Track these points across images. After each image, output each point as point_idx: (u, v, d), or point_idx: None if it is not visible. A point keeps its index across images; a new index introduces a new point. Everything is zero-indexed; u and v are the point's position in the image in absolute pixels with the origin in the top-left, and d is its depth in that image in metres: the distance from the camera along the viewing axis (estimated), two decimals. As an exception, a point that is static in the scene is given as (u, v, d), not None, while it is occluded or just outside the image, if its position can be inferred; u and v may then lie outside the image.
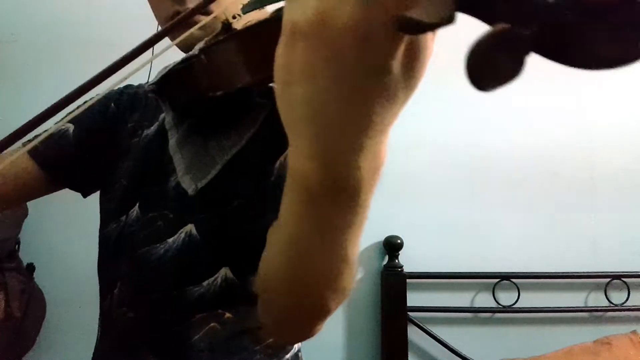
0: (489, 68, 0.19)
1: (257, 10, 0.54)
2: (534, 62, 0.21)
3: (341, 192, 0.29)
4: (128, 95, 0.75)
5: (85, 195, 0.77)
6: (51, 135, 0.71)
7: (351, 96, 0.25)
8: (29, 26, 1.58)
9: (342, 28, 0.23)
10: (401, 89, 0.25)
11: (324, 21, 0.23)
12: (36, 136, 0.59)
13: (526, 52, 0.19)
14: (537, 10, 0.19)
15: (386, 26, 0.22)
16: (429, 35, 0.25)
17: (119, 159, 0.70)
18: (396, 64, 0.24)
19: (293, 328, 0.45)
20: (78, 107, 0.44)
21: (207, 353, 0.59)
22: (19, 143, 0.38)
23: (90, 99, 0.50)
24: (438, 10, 0.20)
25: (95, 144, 0.72)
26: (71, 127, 0.72)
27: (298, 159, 0.29)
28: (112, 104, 0.74)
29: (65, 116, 0.60)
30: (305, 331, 0.44)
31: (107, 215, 0.70)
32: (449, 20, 0.20)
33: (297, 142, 0.28)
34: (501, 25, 0.19)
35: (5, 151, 0.36)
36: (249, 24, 0.49)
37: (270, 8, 0.49)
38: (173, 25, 0.48)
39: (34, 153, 0.70)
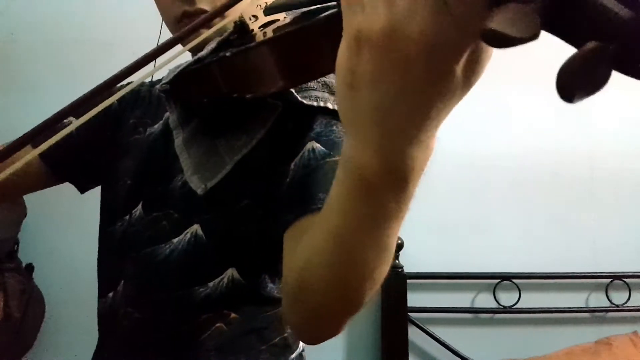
0: (581, 84, 0.20)
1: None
2: (535, 63, 0.21)
3: (395, 181, 0.30)
4: (131, 93, 0.75)
5: (82, 191, 0.77)
6: (54, 131, 0.71)
7: (416, 100, 0.26)
8: (29, 26, 1.57)
9: (412, 38, 0.23)
10: (460, 89, 0.26)
11: (394, 31, 0.24)
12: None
13: (615, 65, 0.20)
14: (619, 28, 0.20)
15: (456, 36, 0.23)
16: None
17: (119, 156, 0.70)
18: (459, 68, 0.25)
19: (326, 324, 0.45)
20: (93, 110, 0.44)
21: (214, 353, 0.59)
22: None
23: (106, 101, 0.50)
24: (526, 25, 0.21)
25: (97, 140, 0.72)
26: (74, 121, 0.73)
27: (357, 153, 0.29)
28: (115, 101, 0.74)
29: (79, 120, 0.61)
30: (337, 327, 0.44)
31: (110, 213, 0.69)
32: (535, 36, 0.21)
33: (359, 139, 0.29)
34: (593, 44, 0.20)
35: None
36: (281, 31, 0.48)
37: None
38: (189, 30, 0.48)
39: (35, 146, 0.70)
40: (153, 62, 0.41)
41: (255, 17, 0.54)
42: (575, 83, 0.20)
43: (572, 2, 0.21)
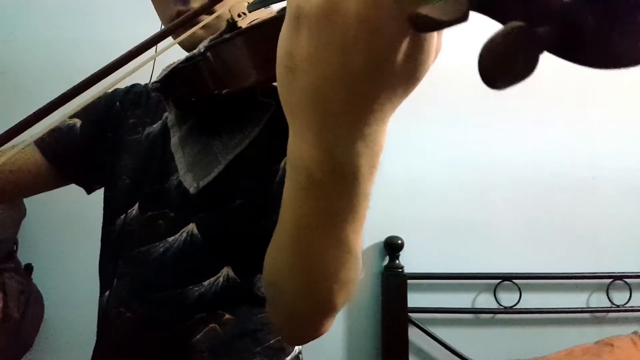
0: (503, 66, 0.19)
1: (263, 9, 0.54)
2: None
3: (341, 178, 0.29)
4: (134, 94, 0.76)
5: (89, 192, 0.78)
6: (59, 130, 0.72)
7: (354, 85, 0.25)
8: (28, 26, 1.57)
9: (351, 17, 0.23)
10: (403, 80, 0.25)
11: (332, 9, 0.23)
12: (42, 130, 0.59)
13: (540, 51, 0.19)
14: (551, 9, 0.19)
15: (396, 19, 0.22)
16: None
17: (119, 155, 0.70)
18: (400, 56, 0.24)
19: (301, 325, 0.45)
20: (85, 101, 0.44)
21: (207, 354, 0.59)
22: (22, 137, 0.37)
23: (97, 93, 0.50)
24: (453, 8, 0.20)
25: (100, 140, 0.73)
26: (78, 122, 0.73)
27: (299, 145, 0.29)
28: (118, 102, 0.75)
29: (71, 111, 0.60)
30: (314, 328, 0.44)
31: (110, 213, 0.70)
32: (463, 18, 0.20)
33: (298, 128, 0.28)
34: (515, 23, 0.19)
35: (8, 144, 0.36)
36: (255, 22, 0.48)
37: (276, 7, 0.49)
38: (178, 24, 0.48)
39: (42, 147, 0.71)
40: (148, 57, 0.41)
41: (245, 14, 0.54)
42: (497, 67, 0.19)
43: None
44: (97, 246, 0.71)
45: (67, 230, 1.48)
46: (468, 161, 1.64)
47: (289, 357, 0.64)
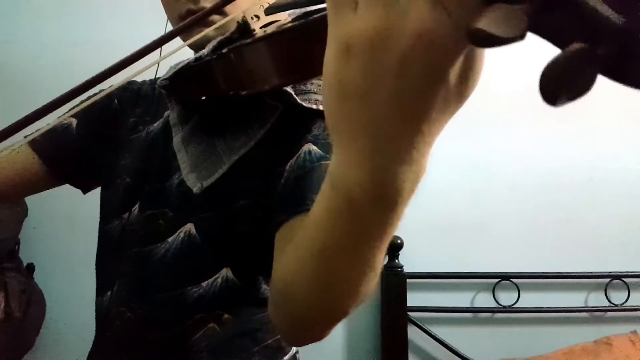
0: (565, 85, 0.20)
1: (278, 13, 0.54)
2: (536, 64, 0.21)
3: (382, 203, 0.28)
4: (131, 92, 0.75)
5: (85, 192, 0.77)
6: (54, 130, 0.70)
7: (408, 107, 0.24)
8: (28, 26, 1.57)
9: (407, 36, 0.22)
10: (453, 99, 0.25)
11: (388, 29, 0.22)
12: (38, 130, 0.59)
13: (599, 70, 0.20)
14: (605, 32, 0.19)
15: (452, 35, 0.22)
16: None
17: (119, 154, 0.70)
18: (453, 75, 0.24)
19: (309, 331, 0.45)
20: (81, 102, 0.44)
21: (206, 354, 0.59)
22: (20, 135, 0.38)
23: (94, 94, 0.51)
24: (511, 25, 0.20)
25: (97, 139, 0.72)
26: (74, 121, 0.72)
27: (345, 169, 0.28)
28: (115, 100, 0.74)
29: (68, 111, 0.60)
30: (320, 334, 0.44)
31: (109, 211, 0.69)
32: (521, 36, 0.20)
33: (347, 153, 0.27)
34: (579, 45, 0.19)
35: (4, 142, 0.37)
36: (277, 27, 0.48)
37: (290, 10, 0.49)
38: (186, 25, 0.48)
39: (37, 147, 0.70)
40: (151, 56, 0.41)
41: (257, 17, 0.55)
42: (559, 85, 0.20)
43: (563, 4, 0.21)
44: (98, 247, 0.71)
45: (69, 229, 1.49)
46: (467, 161, 1.65)
47: (287, 357, 0.64)
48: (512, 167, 1.66)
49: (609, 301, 1.61)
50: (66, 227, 1.49)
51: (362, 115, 0.25)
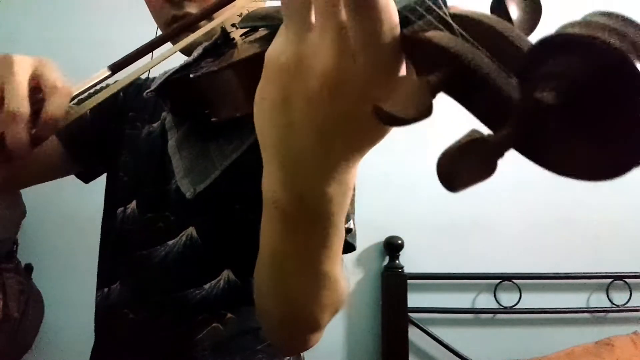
0: (459, 174, 0.20)
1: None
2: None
3: (311, 216, 0.30)
4: (135, 86, 0.76)
5: (87, 181, 0.78)
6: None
7: (321, 135, 0.26)
8: (28, 26, 1.57)
9: (315, 72, 0.24)
10: (373, 129, 0.26)
11: (300, 61, 0.24)
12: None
13: (498, 157, 0.19)
14: (515, 112, 0.18)
15: (359, 80, 0.23)
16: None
17: (118, 150, 0.71)
18: (362, 113, 0.24)
19: (287, 338, 0.47)
20: (89, 94, 0.45)
21: (210, 352, 0.59)
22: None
23: (107, 85, 0.50)
24: (416, 104, 0.20)
25: (106, 128, 0.73)
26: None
27: (272, 182, 0.30)
28: (121, 93, 0.75)
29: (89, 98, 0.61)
30: (301, 344, 0.45)
31: (109, 206, 0.70)
32: (426, 114, 0.21)
33: (271, 166, 0.29)
34: (471, 134, 0.19)
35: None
36: (255, 39, 0.48)
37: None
38: (175, 32, 0.48)
39: (58, 133, 0.70)
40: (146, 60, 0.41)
41: (237, 26, 0.54)
42: (454, 174, 0.19)
43: (467, 79, 0.20)
44: (97, 246, 0.71)
45: (67, 230, 1.48)
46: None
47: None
48: (513, 167, 1.65)
49: (611, 302, 1.61)
50: (64, 227, 1.49)
51: (275, 132, 0.27)
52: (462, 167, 0.19)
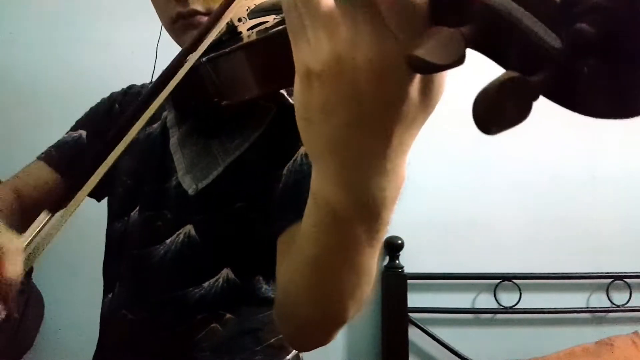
0: (496, 114, 0.20)
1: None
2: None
3: (366, 214, 0.30)
4: (131, 95, 0.76)
5: (99, 200, 0.78)
6: (66, 143, 0.72)
7: (370, 128, 0.26)
8: (28, 26, 1.57)
9: (359, 67, 0.23)
10: (420, 112, 0.26)
11: (339, 62, 0.24)
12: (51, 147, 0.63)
13: (533, 99, 0.20)
14: (548, 56, 0.19)
15: (400, 63, 0.23)
16: None
17: (119, 157, 0.71)
18: (413, 91, 0.25)
19: (314, 335, 0.46)
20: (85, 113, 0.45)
21: (209, 353, 0.59)
22: None
23: (95, 105, 0.49)
24: (449, 51, 0.21)
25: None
26: (84, 132, 0.73)
27: (323, 186, 0.29)
28: (116, 105, 0.75)
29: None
30: (326, 338, 0.45)
31: (112, 213, 0.70)
32: (459, 61, 0.21)
33: (322, 172, 0.29)
34: (509, 74, 0.19)
35: None
36: (261, 29, 0.48)
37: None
38: (198, 39, 0.48)
39: (52, 162, 0.71)
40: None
41: (245, 19, 0.55)
42: (490, 115, 0.20)
43: (499, 27, 0.20)
44: (97, 247, 0.71)
45: (67, 230, 1.48)
46: (468, 161, 1.64)
47: (290, 356, 0.64)
48: (513, 167, 1.65)
49: (611, 302, 1.60)
50: (65, 227, 1.49)
51: (327, 137, 0.27)
52: (498, 107, 0.19)
